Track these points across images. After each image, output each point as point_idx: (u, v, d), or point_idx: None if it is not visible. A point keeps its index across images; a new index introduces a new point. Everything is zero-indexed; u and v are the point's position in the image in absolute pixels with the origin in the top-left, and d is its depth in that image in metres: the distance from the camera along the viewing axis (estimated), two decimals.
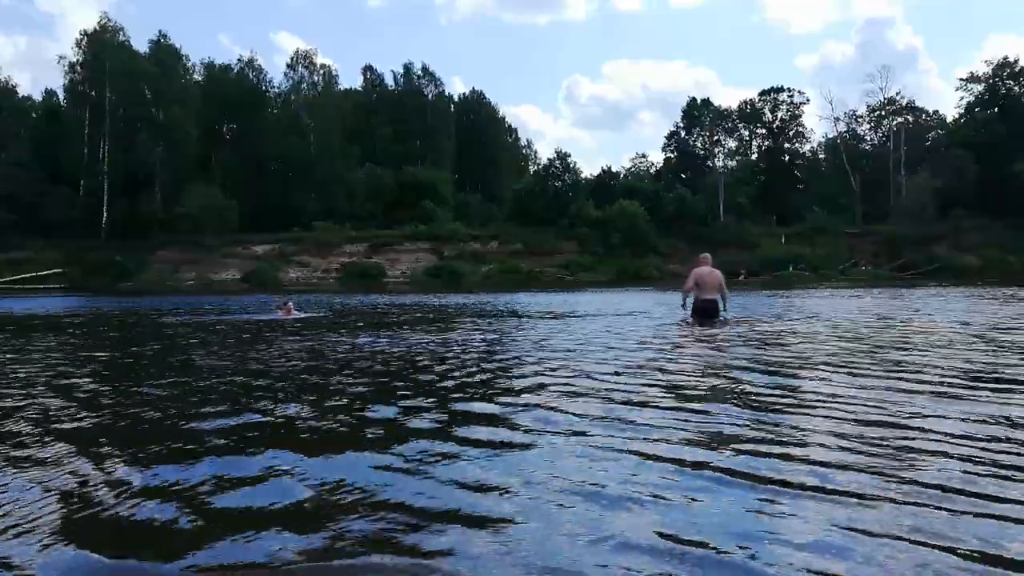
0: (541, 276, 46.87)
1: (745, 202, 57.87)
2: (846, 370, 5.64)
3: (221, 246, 50.37)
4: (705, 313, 10.86)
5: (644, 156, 76.93)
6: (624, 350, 7.30)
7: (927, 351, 6.85)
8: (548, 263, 49.65)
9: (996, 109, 58.04)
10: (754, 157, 67.60)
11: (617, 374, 5.59)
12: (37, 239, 48.26)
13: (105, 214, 52.81)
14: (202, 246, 49.73)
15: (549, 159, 62.47)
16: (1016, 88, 58.24)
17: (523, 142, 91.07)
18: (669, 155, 68.29)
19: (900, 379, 5.07)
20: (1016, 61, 57.99)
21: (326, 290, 35.31)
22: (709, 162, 65.21)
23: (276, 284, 43.94)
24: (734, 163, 65.37)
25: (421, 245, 51.92)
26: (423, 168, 60.61)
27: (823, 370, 5.70)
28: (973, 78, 60.00)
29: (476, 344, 8.20)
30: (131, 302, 22.86)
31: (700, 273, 10.97)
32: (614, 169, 65.85)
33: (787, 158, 67.05)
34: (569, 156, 60.82)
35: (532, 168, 78.38)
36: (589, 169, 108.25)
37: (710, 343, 8.06)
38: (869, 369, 5.68)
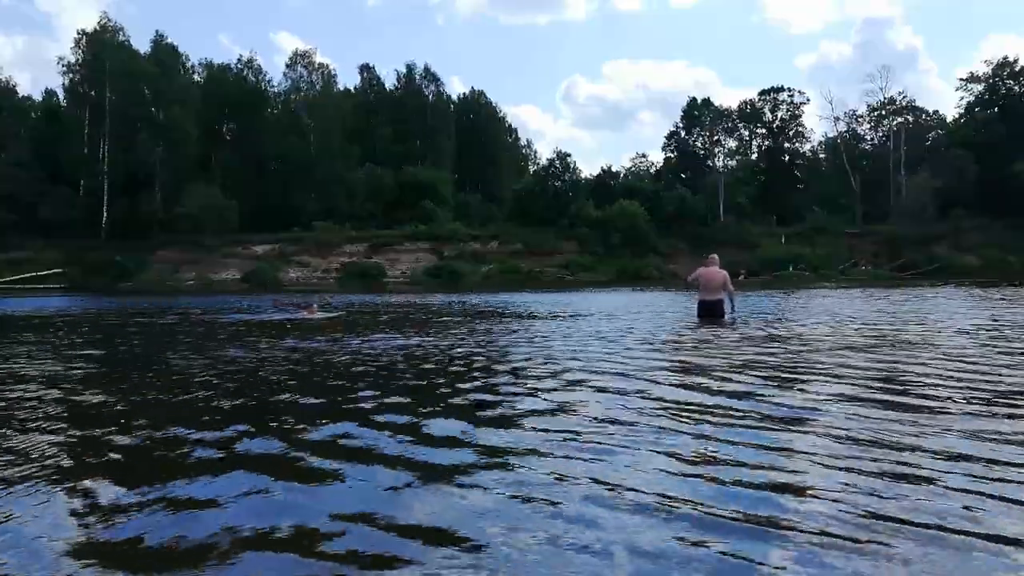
0: (541, 276, 46.84)
1: (745, 202, 57.86)
2: (836, 379, 5.64)
3: (221, 246, 50.31)
4: (708, 313, 11.04)
5: (644, 156, 77.01)
6: (617, 352, 7.30)
7: (933, 359, 6.85)
8: (548, 263, 49.60)
9: (996, 109, 58.00)
10: (754, 157, 67.55)
11: (606, 378, 5.59)
12: (37, 239, 48.19)
13: (105, 214, 52.75)
14: (202, 246, 49.67)
15: (549, 159, 62.49)
16: (1016, 88, 58.18)
17: (523, 142, 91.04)
18: (669, 155, 68.25)
19: (906, 393, 5.03)
20: (1016, 61, 58.00)
21: (327, 290, 35.30)
22: (709, 162, 65.14)
23: (276, 284, 43.91)
24: (734, 163, 65.34)
25: (421, 245, 51.86)
26: (423, 168, 60.51)
27: (811, 378, 5.70)
28: (973, 78, 59.98)
29: (473, 346, 8.21)
30: (161, 302, 22.84)
31: (703, 273, 11.12)
32: (614, 169, 65.92)
33: (787, 158, 66.97)
34: (569, 156, 60.80)
35: (532, 168, 78.26)
36: (589, 169, 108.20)
37: (703, 346, 8.06)
38: (863, 376, 5.68)
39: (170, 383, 5.64)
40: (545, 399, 4.60)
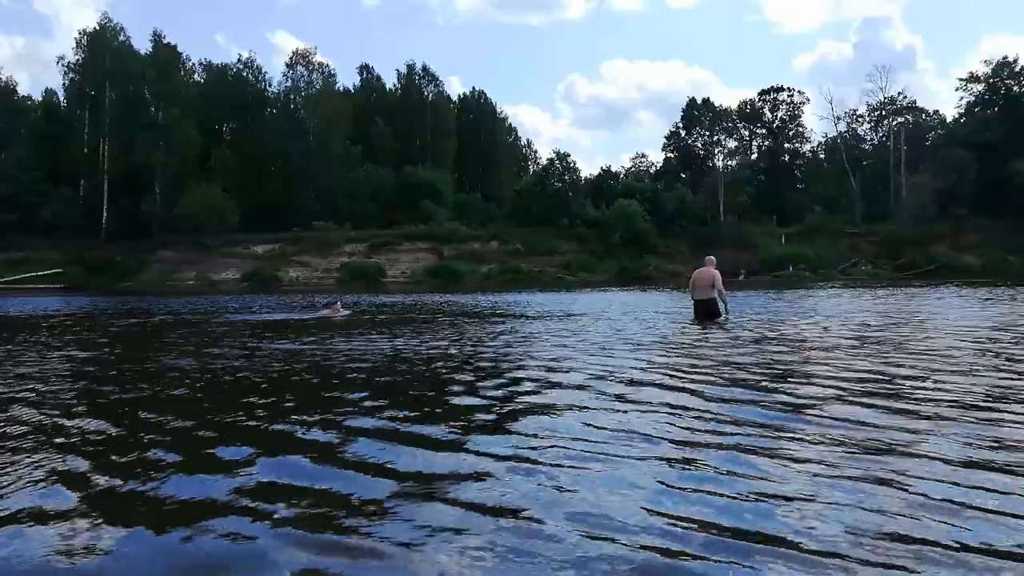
0: (541, 276, 46.91)
1: (745, 202, 57.83)
2: (825, 383, 5.64)
3: (221, 246, 50.39)
4: (702, 312, 11.24)
5: (644, 156, 76.99)
6: (608, 355, 7.31)
7: (925, 361, 6.85)
8: (548, 263, 49.66)
9: (996, 109, 57.92)
10: (754, 157, 67.50)
11: (600, 380, 5.60)
12: (37, 239, 48.25)
13: (105, 214, 52.82)
14: (202, 246, 49.75)
15: (549, 159, 62.43)
16: (1016, 88, 58.08)
17: (523, 142, 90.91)
18: (669, 155, 68.25)
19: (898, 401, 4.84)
20: (1016, 61, 57.88)
21: (327, 290, 35.33)
22: (709, 162, 65.12)
23: (276, 284, 43.95)
24: (734, 163, 65.29)
25: (421, 245, 51.92)
26: (423, 168, 60.53)
27: (800, 383, 5.70)
28: (973, 78, 59.85)
29: (465, 349, 8.22)
30: (159, 301, 22.85)
31: (695, 274, 11.34)
32: (613, 169, 65.90)
33: (787, 158, 66.94)
34: (569, 156, 60.76)
35: (532, 168, 78.24)
36: (588, 169, 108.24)
37: (693, 348, 8.06)
38: (853, 379, 5.67)
39: (142, 391, 5.62)
40: (530, 411, 4.52)
